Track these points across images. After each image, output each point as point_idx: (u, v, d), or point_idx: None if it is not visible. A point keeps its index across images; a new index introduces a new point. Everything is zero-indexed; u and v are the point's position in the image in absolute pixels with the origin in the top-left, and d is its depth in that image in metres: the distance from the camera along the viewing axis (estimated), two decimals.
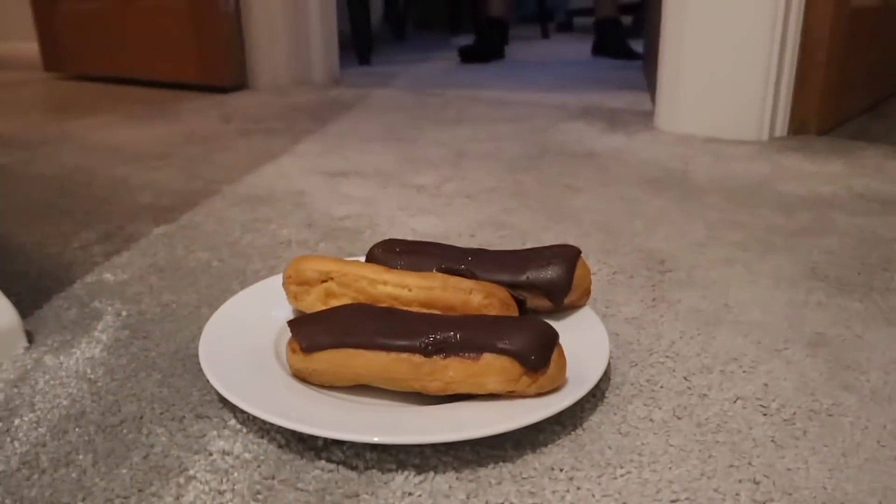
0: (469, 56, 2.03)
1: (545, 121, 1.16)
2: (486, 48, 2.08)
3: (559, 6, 3.62)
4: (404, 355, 0.35)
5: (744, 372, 0.42)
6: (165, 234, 0.66)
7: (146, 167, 0.92)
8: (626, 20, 3.29)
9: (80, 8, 1.87)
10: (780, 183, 0.82)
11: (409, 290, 0.41)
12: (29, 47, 2.13)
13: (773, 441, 0.35)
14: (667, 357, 0.44)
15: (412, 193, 0.76)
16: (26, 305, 0.51)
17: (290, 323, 0.38)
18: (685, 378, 0.41)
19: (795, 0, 1.03)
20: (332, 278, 0.43)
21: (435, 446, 0.34)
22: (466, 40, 2.67)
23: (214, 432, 0.36)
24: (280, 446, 0.35)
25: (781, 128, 1.08)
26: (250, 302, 0.46)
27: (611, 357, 0.43)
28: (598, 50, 2.17)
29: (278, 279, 0.48)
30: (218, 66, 1.59)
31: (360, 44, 1.98)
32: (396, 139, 1.04)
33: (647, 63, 1.54)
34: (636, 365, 0.43)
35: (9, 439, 0.36)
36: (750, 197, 0.77)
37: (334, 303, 0.43)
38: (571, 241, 0.62)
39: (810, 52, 1.07)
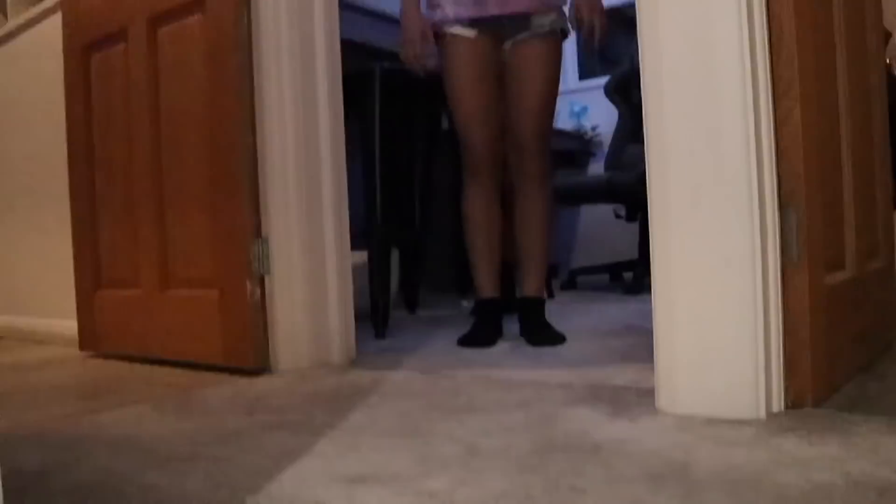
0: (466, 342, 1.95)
1: (552, 406, 1.22)
2: (481, 332, 1.98)
3: (563, 265, 3.86)
4: None
5: None
6: None
7: (175, 472, 0.97)
8: (628, 277, 3.48)
9: (119, 294, 2.03)
10: (779, 472, 0.86)
11: None
12: (66, 325, 2.28)
13: None
14: None
15: (425, 502, 0.81)
16: None
17: None
18: None
19: (773, 284, 1.13)
20: None
21: None
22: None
23: None
24: None
25: (778, 403, 1.13)
26: None
27: None
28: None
29: None
30: (242, 351, 1.70)
31: (378, 321, 2.12)
32: (411, 434, 1.10)
33: None
34: None
35: None
36: (750, 491, 0.80)
37: None
38: None
39: (793, 332, 1.15)
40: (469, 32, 1.91)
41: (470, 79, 1.93)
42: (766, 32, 1.09)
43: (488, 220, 2.00)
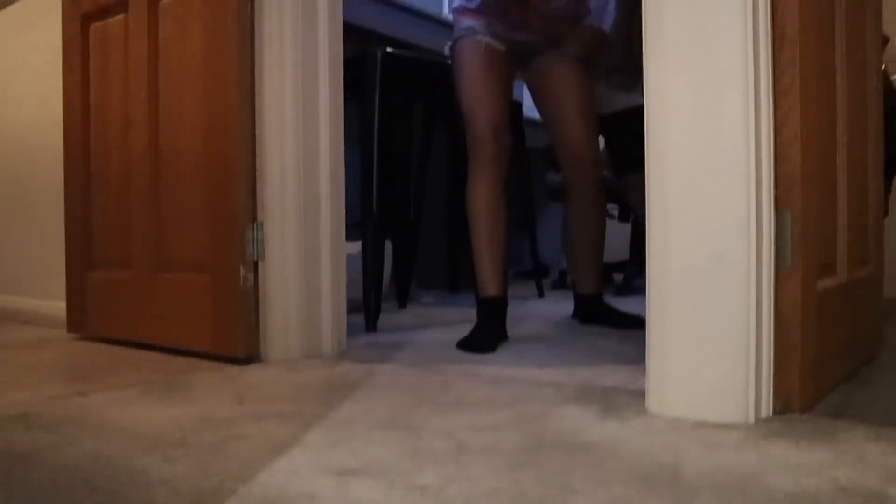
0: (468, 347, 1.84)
1: (542, 405, 1.22)
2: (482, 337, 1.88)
3: (553, 265, 3.86)
4: None
5: None
6: None
7: (164, 458, 0.96)
8: (618, 278, 3.49)
9: (110, 276, 2.02)
10: (768, 476, 0.86)
11: None
12: (55, 306, 2.26)
13: None
14: None
15: (416, 497, 0.81)
16: None
17: None
18: None
19: (766, 287, 1.13)
20: None
21: None
22: (467, 298, 2.83)
23: None
24: None
25: (766, 408, 1.14)
26: None
27: None
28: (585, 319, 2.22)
29: None
30: (233, 339, 1.69)
31: (369, 315, 2.11)
32: (401, 428, 1.10)
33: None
34: None
35: None
36: (739, 494, 0.80)
37: None
38: None
39: (785, 335, 1.16)
40: (499, 46, 1.97)
41: (484, 68, 1.94)
42: (769, 28, 1.09)
43: (494, 211, 1.93)
